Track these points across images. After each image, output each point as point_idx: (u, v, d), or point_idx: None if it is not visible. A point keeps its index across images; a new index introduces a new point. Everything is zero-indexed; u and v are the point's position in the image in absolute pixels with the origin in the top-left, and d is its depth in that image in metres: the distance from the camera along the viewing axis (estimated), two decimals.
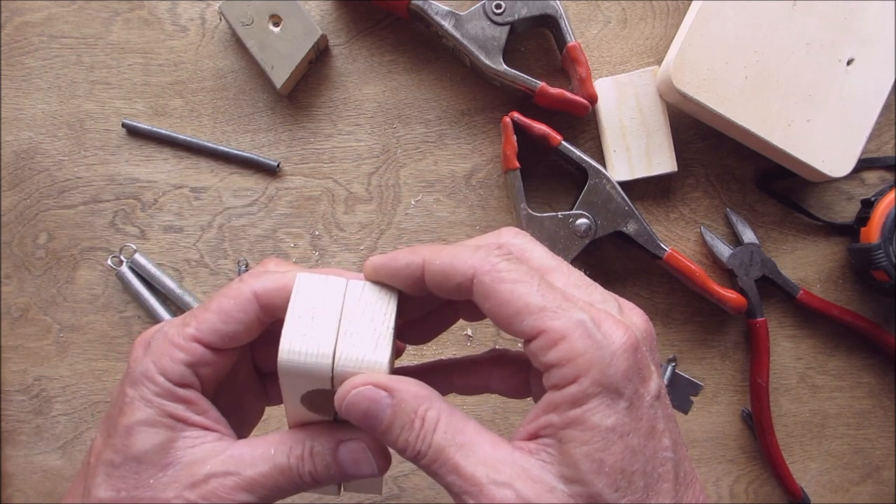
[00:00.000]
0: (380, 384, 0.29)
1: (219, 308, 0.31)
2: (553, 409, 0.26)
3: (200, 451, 0.31)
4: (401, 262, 0.30)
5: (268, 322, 0.32)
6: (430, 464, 0.27)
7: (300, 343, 0.29)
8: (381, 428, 0.29)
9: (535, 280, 0.27)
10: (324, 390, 0.30)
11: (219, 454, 0.31)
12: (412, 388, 0.29)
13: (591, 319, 0.26)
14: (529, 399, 0.35)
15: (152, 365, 0.30)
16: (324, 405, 0.32)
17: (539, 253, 0.30)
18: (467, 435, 0.27)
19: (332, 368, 0.29)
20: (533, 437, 0.27)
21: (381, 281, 0.31)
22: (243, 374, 0.36)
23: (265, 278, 0.32)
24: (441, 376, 0.36)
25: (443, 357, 0.51)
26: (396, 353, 0.33)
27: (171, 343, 0.31)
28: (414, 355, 0.51)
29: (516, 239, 0.31)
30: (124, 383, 0.31)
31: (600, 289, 0.30)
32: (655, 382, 0.27)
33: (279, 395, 0.33)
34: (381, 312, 0.30)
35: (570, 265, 0.30)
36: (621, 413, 0.26)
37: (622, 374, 0.26)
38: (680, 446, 0.28)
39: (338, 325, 0.30)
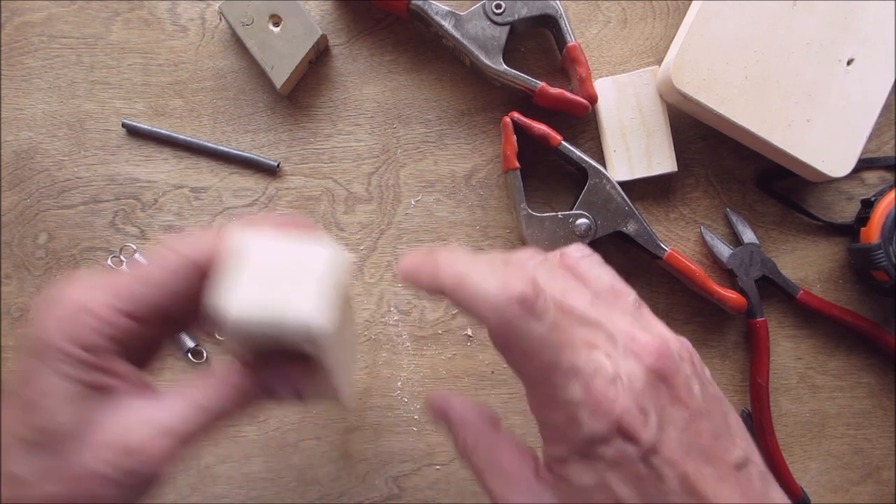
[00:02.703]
0: (441, 407, 0.34)
1: (142, 275, 0.30)
2: (547, 458, 0.30)
3: (123, 415, 0.30)
4: (447, 275, 0.30)
5: (199, 286, 0.31)
6: (472, 472, 0.32)
7: (242, 305, 0.29)
8: (446, 428, 0.34)
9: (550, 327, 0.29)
10: (268, 344, 0.30)
11: (144, 413, 0.30)
12: (464, 411, 0.33)
13: (582, 395, 0.28)
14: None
15: (64, 334, 0.29)
16: (267, 352, 0.31)
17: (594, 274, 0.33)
18: (497, 456, 0.31)
19: (275, 327, 0.29)
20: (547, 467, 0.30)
21: (408, 283, 0.32)
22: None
23: (193, 240, 0.30)
24: None
25: (443, 356, 0.51)
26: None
27: (86, 311, 0.29)
28: (414, 354, 0.51)
29: (575, 256, 0.34)
30: (29, 352, 0.29)
31: (608, 322, 0.30)
32: (647, 439, 0.27)
33: (180, 329, 0.33)
34: (319, 266, 0.29)
35: (588, 285, 0.32)
36: (602, 472, 0.28)
37: (600, 438, 0.28)
38: (701, 473, 0.28)
39: (273, 281, 0.29)
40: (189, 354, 0.50)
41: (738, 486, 0.28)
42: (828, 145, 0.47)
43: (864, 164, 0.51)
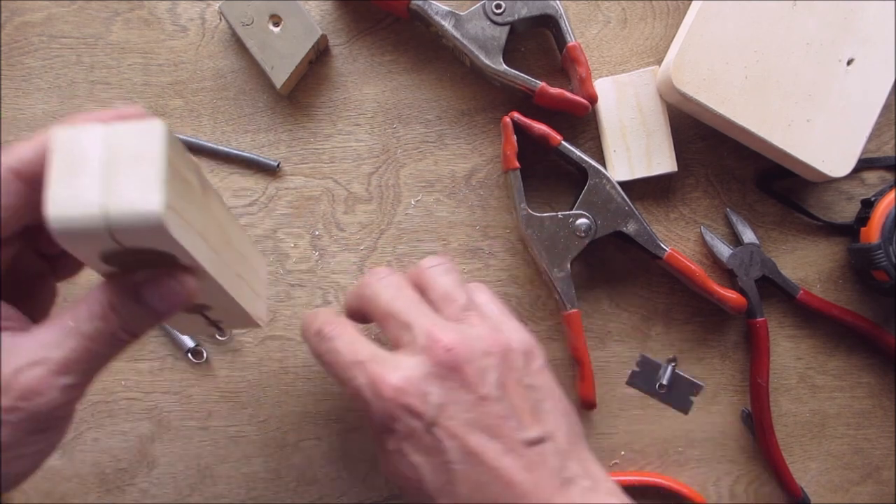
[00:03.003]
0: (322, 333, 0.39)
1: None
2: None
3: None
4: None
5: (38, 197, 0.28)
6: (330, 356, 0.38)
7: (65, 205, 0.26)
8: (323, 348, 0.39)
9: (347, 342, 0.38)
10: (113, 246, 0.28)
11: (18, 348, 0.29)
12: (328, 315, 0.40)
13: (368, 381, 0.35)
14: None
15: None
16: (126, 260, 0.29)
17: (378, 300, 0.39)
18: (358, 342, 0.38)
19: (107, 223, 0.26)
20: None
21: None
22: (22, 256, 0.32)
23: (17, 148, 0.29)
24: None
25: None
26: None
27: None
28: None
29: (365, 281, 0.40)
30: None
31: (410, 327, 0.36)
32: (429, 416, 0.34)
33: (69, 269, 0.32)
34: (149, 152, 0.27)
35: (413, 296, 0.38)
36: (400, 443, 0.35)
37: (389, 417, 0.35)
38: (474, 456, 0.34)
39: (103, 176, 0.27)
40: (189, 354, 0.50)
41: (524, 458, 0.34)
42: (828, 145, 0.47)
43: (864, 164, 0.51)
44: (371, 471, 0.51)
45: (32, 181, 0.28)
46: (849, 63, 0.47)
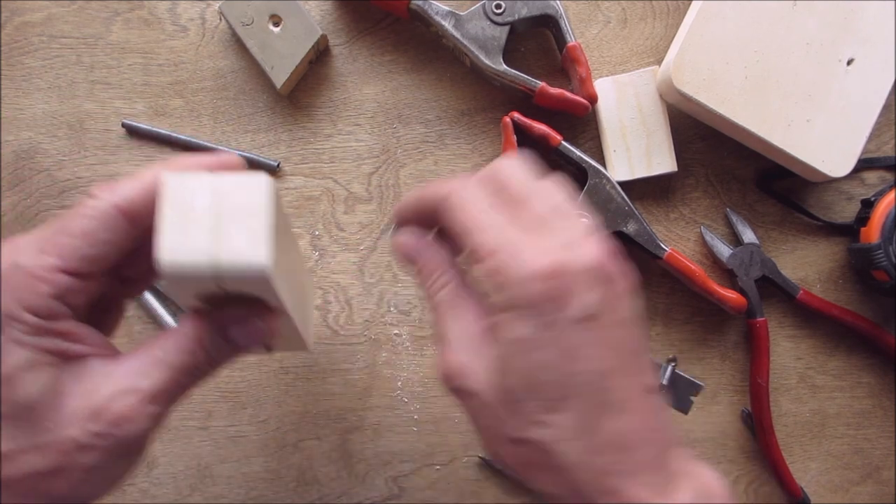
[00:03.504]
0: (420, 239, 0.35)
1: (81, 231, 0.29)
2: (487, 312, 0.31)
3: (91, 380, 0.30)
4: (408, 199, 0.36)
5: (137, 234, 0.30)
6: (432, 310, 0.34)
7: (177, 252, 0.28)
8: (416, 269, 0.35)
9: (486, 205, 0.31)
10: (215, 291, 0.29)
11: (110, 376, 0.30)
12: (439, 254, 0.35)
13: (518, 242, 0.29)
14: None
15: (15, 303, 0.28)
16: (217, 298, 0.31)
17: (517, 179, 0.32)
18: (462, 304, 0.33)
19: (215, 272, 0.28)
20: None
21: (403, 223, 0.35)
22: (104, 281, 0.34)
23: (124, 187, 0.30)
24: None
25: None
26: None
27: (33, 276, 0.28)
28: (414, 354, 0.51)
29: (504, 164, 0.33)
30: None
31: (570, 222, 0.31)
32: (578, 310, 0.28)
33: (138, 290, 0.34)
34: (256, 207, 0.29)
35: (554, 194, 0.32)
36: (531, 329, 0.28)
37: (533, 297, 0.28)
38: (610, 376, 0.29)
39: (212, 226, 0.28)
40: None
41: (647, 403, 0.30)
42: (828, 145, 0.47)
43: (864, 164, 0.51)
44: (371, 471, 0.51)
45: (134, 219, 0.30)
46: (849, 63, 0.47)
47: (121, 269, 0.34)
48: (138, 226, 0.30)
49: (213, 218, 0.28)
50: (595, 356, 0.29)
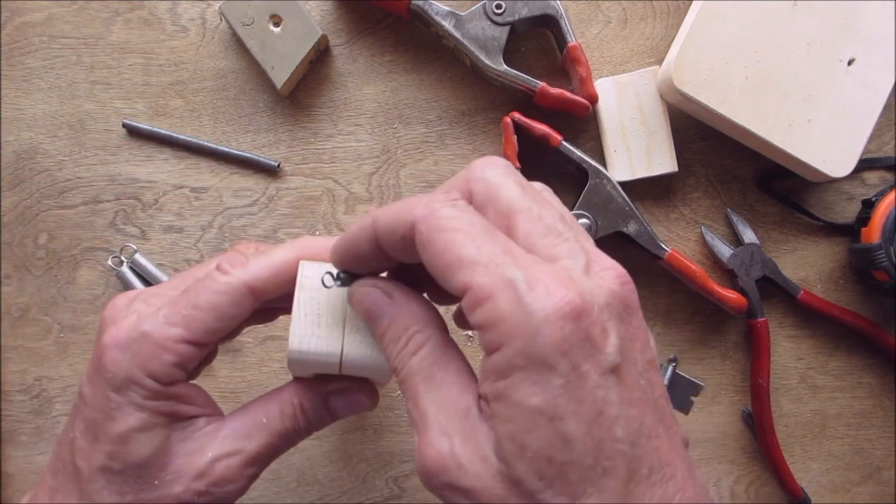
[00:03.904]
0: (386, 290, 0.28)
1: (210, 305, 0.30)
2: (485, 377, 0.24)
3: (197, 440, 0.31)
4: (353, 230, 0.27)
5: (259, 307, 0.32)
6: (401, 384, 0.27)
7: (308, 343, 0.30)
8: (378, 332, 0.28)
9: (476, 230, 0.24)
10: (330, 371, 0.31)
11: (215, 437, 0.31)
12: (412, 306, 0.27)
13: (525, 279, 0.23)
14: None
15: (139, 370, 0.30)
16: (328, 374, 0.32)
17: (509, 191, 0.26)
18: (443, 371, 0.25)
19: (340, 364, 0.30)
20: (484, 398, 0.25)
21: (348, 262, 0.29)
22: None
23: (256, 267, 0.31)
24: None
25: None
26: None
27: (159, 346, 0.30)
28: None
29: (487, 172, 0.27)
30: (106, 388, 0.30)
31: (573, 239, 0.26)
32: (611, 357, 0.23)
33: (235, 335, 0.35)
34: None
35: (552, 203, 0.27)
36: (552, 392, 0.22)
37: (553, 346, 0.22)
38: (646, 437, 0.23)
39: (343, 321, 0.30)
40: None
41: (686, 463, 0.25)
42: (828, 145, 0.47)
43: (864, 164, 0.51)
44: (371, 471, 0.51)
45: (260, 296, 0.31)
46: (849, 63, 0.47)
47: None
48: (262, 301, 0.31)
49: (342, 310, 0.30)
50: (627, 415, 0.23)
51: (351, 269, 0.29)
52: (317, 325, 0.30)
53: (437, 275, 0.25)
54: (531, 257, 0.24)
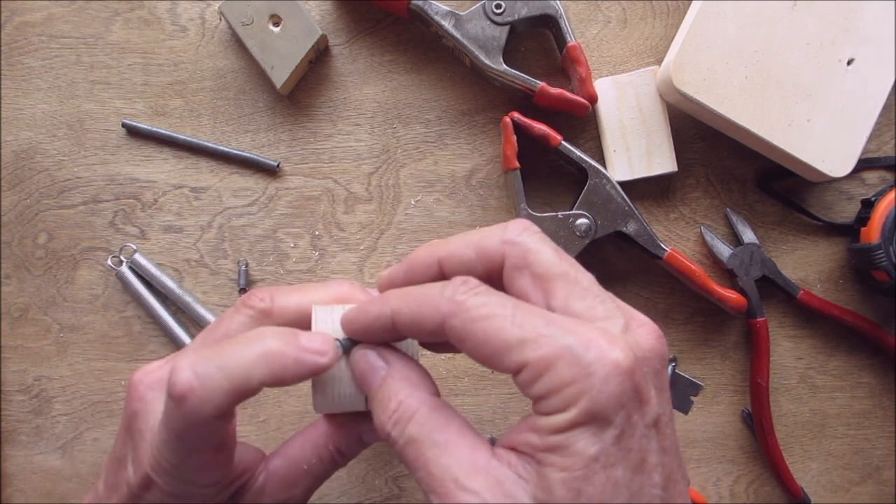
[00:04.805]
0: (381, 355, 0.28)
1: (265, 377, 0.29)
2: (535, 430, 0.25)
3: (248, 500, 0.33)
4: (370, 316, 0.28)
5: None
6: (401, 453, 0.27)
7: (332, 388, 0.30)
8: (370, 395, 0.28)
9: (510, 310, 0.25)
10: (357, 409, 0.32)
11: (263, 493, 0.33)
12: (405, 371, 0.28)
13: (578, 343, 0.24)
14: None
15: (217, 410, 0.29)
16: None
17: (545, 256, 0.27)
18: (446, 434, 0.26)
19: (365, 403, 0.30)
20: (514, 449, 0.26)
21: (359, 337, 0.29)
22: None
23: (299, 338, 0.29)
24: None
25: (443, 356, 0.51)
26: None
27: (239, 392, 0.29)
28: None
29: (524, 237, 0.28)
30: (183, 420, 0.28)
31: (609, 300, 0.27)
32: (655, 408, 0.25)
33: None
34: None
35: (580, 266, 0.28)
36: (608, 442, 0.24)
37: (613, 401, 0.24)
38: (674, 482, 0.26)
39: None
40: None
41: None
42: (828, 145, 0.47)
43: (864, 164, 0.51)
44: (371, 471, 0.51)
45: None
46: (849, 63, 0.47)
47: None
48: None
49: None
50: (663, 462, 0.25)
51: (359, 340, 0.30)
52: (337, 376, 0.30)
53: (483, 361, 0.26)
54: (572, 320, 0.25)
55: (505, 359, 0.25)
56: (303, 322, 0.31)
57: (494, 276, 0.28)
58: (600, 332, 0.25)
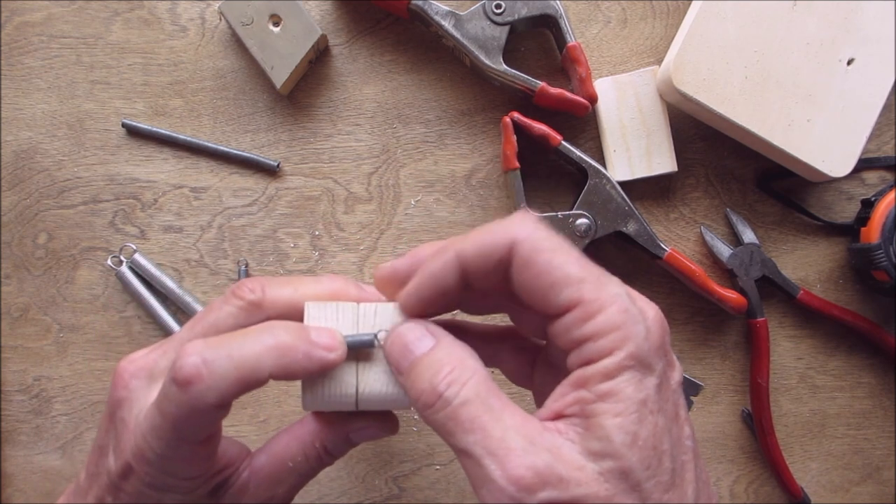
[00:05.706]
0: (429, 330, 0.28)
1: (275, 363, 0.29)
2: (583, 385, 0.25)
3: (231, 496, 0.33)
4: (431, 270, 0.28)
5: None
6: (454, 414, 0.26)
7: (322, 387, 0.30)
8: (407, 364, 0.28)
9: (574, 250, 0.27)
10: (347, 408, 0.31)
11: (246, 490, 0.33)
12: (456, 342, 0.28)
13: (627, 294, 0.26)
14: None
15: (221, 399, 0.29)
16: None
17: (552, 244, 0.28)
18: (501, 400, 0.26)
19: (356, 403, 0.30)
20: (558, 416, 0.26)
21: (426, 304, 0.29)
22: None
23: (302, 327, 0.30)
24: (455, 334, 0.31)
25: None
26: None
27: (245, 383, 0.29)
28: None
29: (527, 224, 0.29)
30: (185, 408, 0.29)
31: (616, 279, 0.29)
32: (678, 371, 0.28)
33: None
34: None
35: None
36: (652, 389, 0.25)
37: (656, 350, 0.26)
38: (696, 442, 0.28)
39: (356, 360, 0.30)
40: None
41: (695, 470, 0.28)
42: (828, 145, 0.47)
43: (864, 164, 0.51)
44: (371, 471, 0.51)
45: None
46: (849, 63, 0.47)
47: None
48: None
49: (354, 351, 0.30)
50: (688, 419, 0.27)
51: (418, 314, 0.29)
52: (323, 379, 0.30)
53: (537, 292, 0.26)
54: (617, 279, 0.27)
55: (561, 293, 0.26)
56: (293, 317, 0.30)
57: (503, 266, 0.28)
58: (637, 293, 0.28)
